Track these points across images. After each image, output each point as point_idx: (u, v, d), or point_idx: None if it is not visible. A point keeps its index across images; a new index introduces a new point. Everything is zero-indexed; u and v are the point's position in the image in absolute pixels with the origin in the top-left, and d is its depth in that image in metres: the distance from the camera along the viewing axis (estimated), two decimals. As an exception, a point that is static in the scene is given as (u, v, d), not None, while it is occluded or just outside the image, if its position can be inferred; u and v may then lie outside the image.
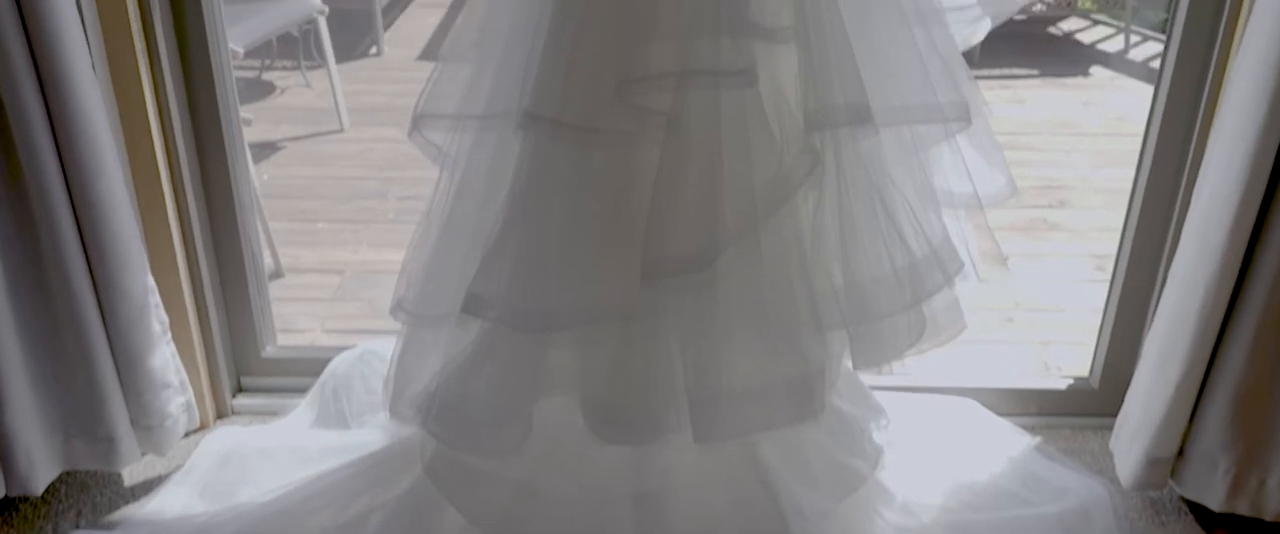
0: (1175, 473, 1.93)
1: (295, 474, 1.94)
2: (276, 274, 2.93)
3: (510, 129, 1.53)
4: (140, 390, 1.94)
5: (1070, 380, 2.28)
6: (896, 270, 1.56)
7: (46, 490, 1.98)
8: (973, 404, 2.19)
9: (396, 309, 1.73)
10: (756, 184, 1.49)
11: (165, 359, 1.98)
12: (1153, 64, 4.72)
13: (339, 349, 2.25)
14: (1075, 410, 2.25)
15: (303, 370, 2.25)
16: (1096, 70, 4.65)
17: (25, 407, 1.84)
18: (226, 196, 2.10)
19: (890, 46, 1.56)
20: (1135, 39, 4.86)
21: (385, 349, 2.14)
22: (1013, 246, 3.10)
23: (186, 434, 2.10)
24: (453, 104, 1.60)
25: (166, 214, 1.99)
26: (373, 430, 2.06)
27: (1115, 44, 4.88)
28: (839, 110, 1.46)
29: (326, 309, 2.80)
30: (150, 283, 1.93)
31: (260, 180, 3.50)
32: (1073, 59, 4.70)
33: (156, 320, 1.95)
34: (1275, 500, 1.86)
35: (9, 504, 1.97)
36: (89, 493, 2.01)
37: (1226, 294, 1.77)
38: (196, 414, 2.10)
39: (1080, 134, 4.02)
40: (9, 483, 1.87)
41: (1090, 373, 2.27)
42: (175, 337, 2.03)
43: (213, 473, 2.01)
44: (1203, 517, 1.97)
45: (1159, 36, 4.93)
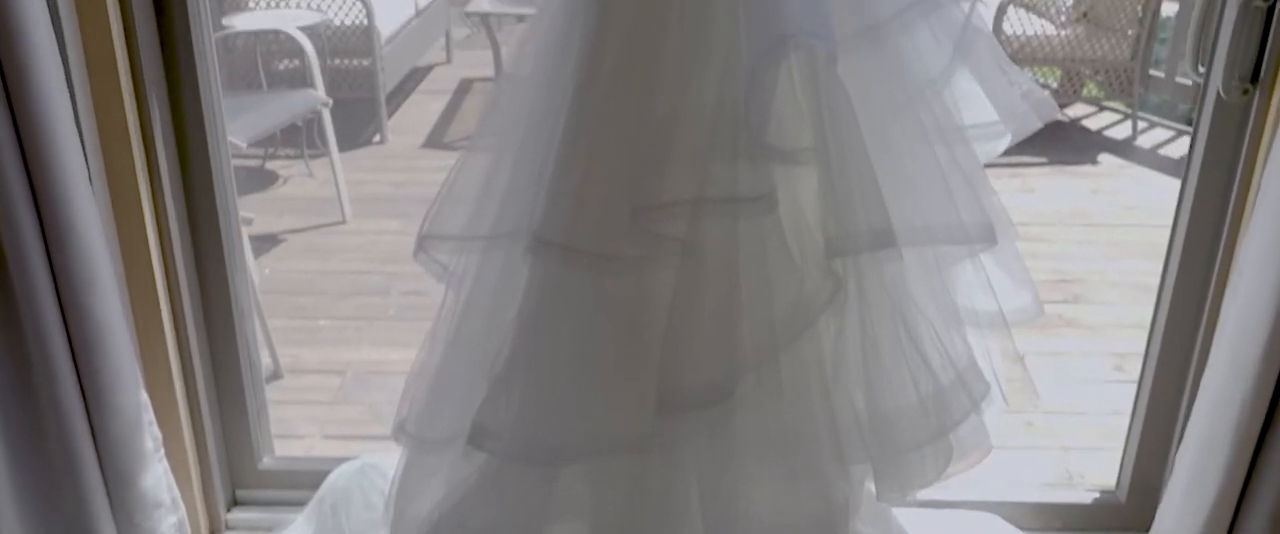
0: (1211, 597, 1.84)
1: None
2: (275, 375, 2.86)
3: (518, 250, 1.48)
4: (131, 511, 1.87)
5: (1096, 494, 2.20)
6: (922, 399, 1.50)
7: (31, 616, 1.90)
8: (995, 519, 2.11)
9: (398, 432, 1.66)
10: (776, 310, 1.43)
11: (158, 477, 1.91)
12: (1161, 151, 4.70)
13: (338, 460, 2.18)
14: (1101, 526, 2.17)
15: (300, 483, 2.18)
16: (1105, 158, 4.62)
17: (10, 527, 1.77)
18: (225, 304, 2.04)
19: (911, 164, 1.51)
20: (1143, 125, 4.84)
21: (385, 463, 2.06)
22: (1029, 345, 3.03)
23: (178, 553, 2.02)
24: (459, 225, 1.55)
25: (163, 326, 1.93)
26: (373, 549, 1.98)
27: (1123, 130, 4.86)
28: (861, 236, 1.40)
29: (326, 413, 2.73)
30: (144, 398, 1.86)
31: (261, 275, 3.45)
32: (1081, 146, 4.68)
33: (149, 437, 1.88)
34: (1317, 628, 1.78)
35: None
36: (75, 619, 1.92)
37: (1262, 411, 1.70)
38: (189, 532, 2.02)
39: (1092, 224, 3.98)
40: (-8, 610, 1.79)
41: (1117, 486, 2.19)
42: (169, 451, 1.95)
43: (205, 595, 1.93)
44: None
45: (1167, 123, 4.91)
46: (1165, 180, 4.41)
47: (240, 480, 2.21)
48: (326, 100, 3.73)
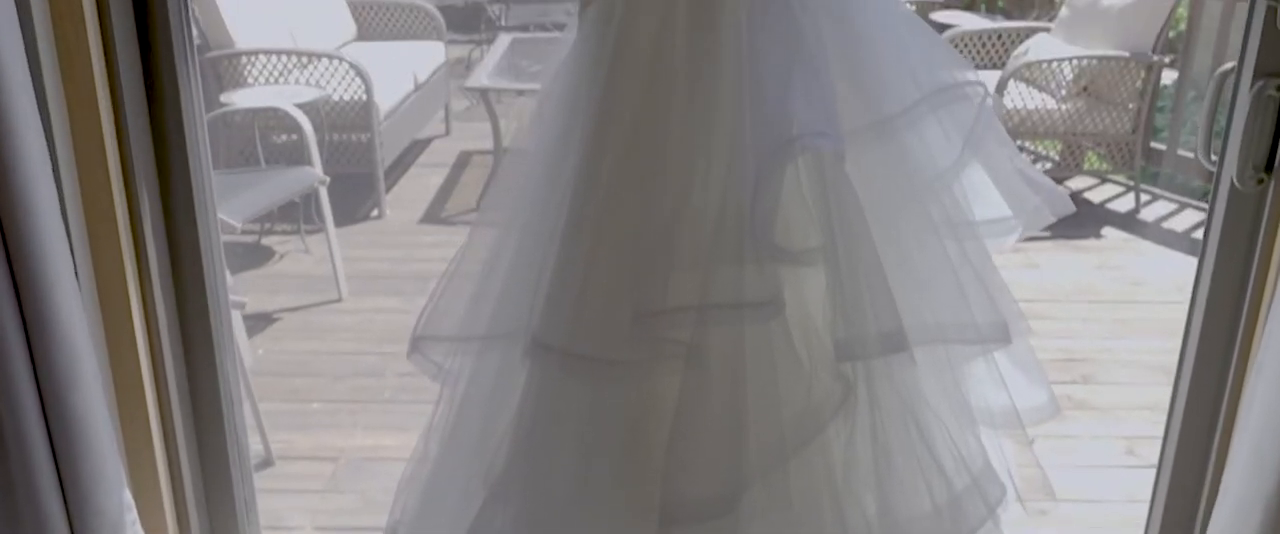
0: None
1: None
2: (267, 463, 2.79)
3: (516, 351, 1.42)
4: (111, 616, 1.79)
5: (1114, 591, 2.13)
6: (936, 506, 1.44)
7: None
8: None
9: (391, 536, 1.60)
10: (784, 417, 1.37)
11: (140, 579, 1.84)
12: (1166, 224, 4.67)
13: (329, 556, 2.11)
14: (1121, 624, 2.09)
15: (290, 581, 2.10)
16: (1109, 231, 4.58)
17: (-16, 636, 1.69)
18: (213, 396, 1.99)
19: (921, 259, 1.47)
20: (1146, 198, 4.81)
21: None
22: (1038, 429, 2.96)
23: (160, 660, 1.95)
24: (454, 324, 1.50)
25: (148, 420, 1.88)
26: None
27: (1126, 203, 4.83)
28: (872, 339, 1.35)
29: (319, 502, 2.65)
30: (128, 498, 1.80)
31: (254, 355, 3.39)
32: (1084, 219, 4.64)
33: (133, 538, 1.81)
34: None
35: None
36: None
37: (1288, 512, 1.63)
38: (172, 636, 1.95)
39: (1097, 301, 3.93)
40: None
41: (1135, 583, 2.11)
42: (153, 550, 1.89)
43: None
44: None
45: (1170, 196, 4.88)
46: (1170, 255, 4.37)
47: (227, 578, 2.14)
48: (324, 178, 3.70)
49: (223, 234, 3.28)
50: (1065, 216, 1.56)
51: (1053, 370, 3.32)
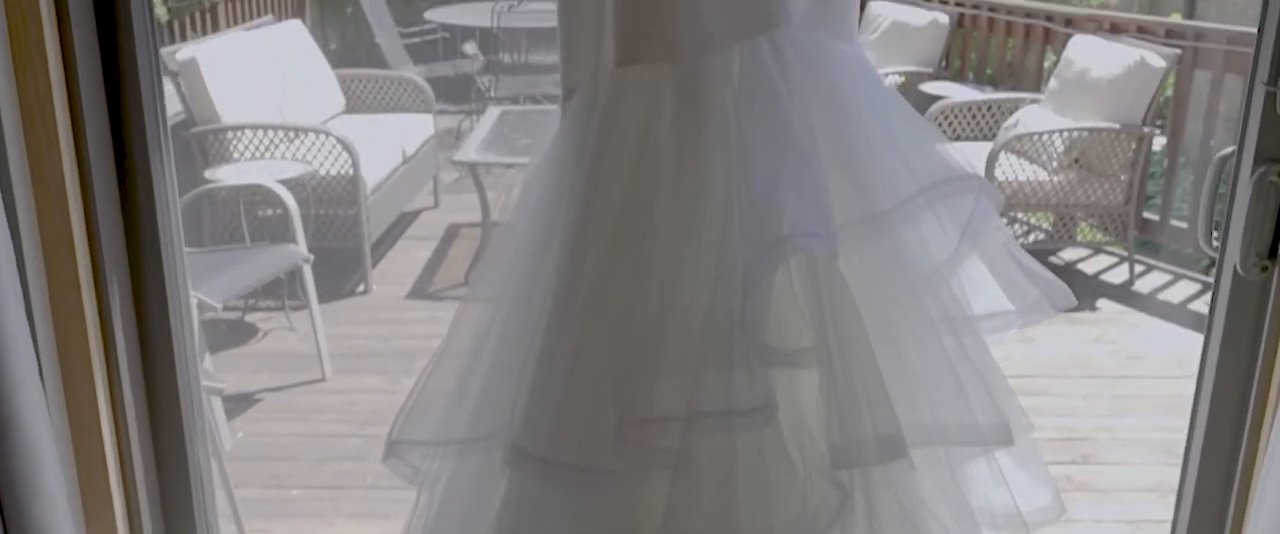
0: None
1: None
2: (243, 555, 2.70)
3: (495, 457, 1.36)
4: None
5: None
6: (939, 619, 1.36)
7: None
8: None
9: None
10: (777, 526, 1.31)
11: None
12: (1161, 296, 4.62)
13: None
14: None
15: None
16: (1104, 303, 4.54)
17: None
18: (184, 498, 1.90)
19: (918, 356, 1.42)
20: (1140, 269, 4.77)
21: None
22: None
23: None
24: (431, 428, 1.44)
25: (116, 527, 1.79)
26: None
27: (1120, 273, 4.79)
28: (868, 445, 1.29)
29: (296, 596, 2.56)
30: (91, 608, 1.72)
31: (234, 439, 3.31)
32: (1079, 291, 4.59)
33: (95, 649, 1.73)
34: None
35: None
36: None
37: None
38: None
39: (1095, 376, 3.87)
40: None
41: None
42: (117, 659, 1.80)
43: None
44: None
45: (1164, 267, 4.84)
46: (1167, 327, 4.33)
47: None
48: (308, 256, 3.64)
49: (203, 313, 3.23)
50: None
51: (1052, 450, 3.25)
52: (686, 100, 1.32)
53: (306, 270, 3.66)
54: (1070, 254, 5.00)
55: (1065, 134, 4.56)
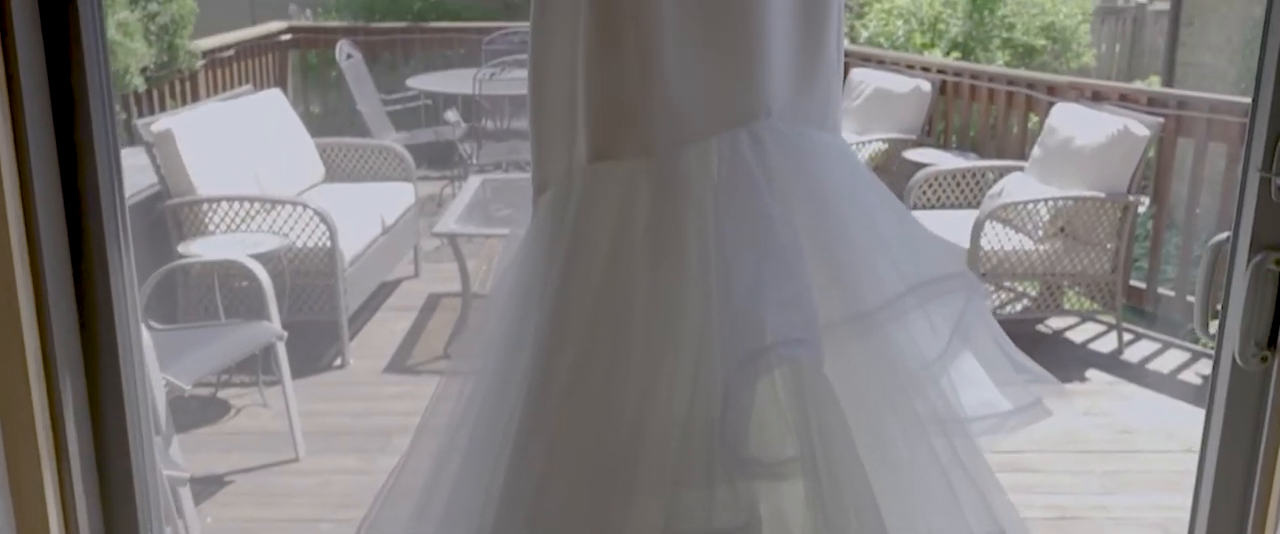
0: None
1: None
2: (207, 654, 2.59)
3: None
4: None
5: None
6: None
7: None
8: None
9: None
10: (763, 649, 1.23)
11: None
12: (1150, 365, 4.57)
13: None
14: None
15: None
16: (1093, 373, 4.48)
17: None
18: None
19: (908, 461, 1.35)
20: (1128, 338, 4.72)
21: None
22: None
23: None
24: (397, 531, 1.36)
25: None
26: None
27: (1108, 343, 4.74)
28: (858, 562, 1.22)
29: None
30: None
31: (203, 524, 3.20)
32: (1067, 360, 4.54)
33: None
34: None
35: None
36: None
37: None
38: None
39: (1086, 451, 3.80)
40: None
41: None
42: None
43: None
44: None
45: (1152, 335, 4.80)
46: (1159, 399, 4.26)
47: None
48: (281, 333, 3.55)
49: (172, 395, 3.14)
50: (1046, 355, 1.46)
51: (1044, 531, 3.17)
52: (662, 198, 1.27)
53: (280, 348, 3.58)
54: (1057, 322, 4.95)
55: (1050, 203, 4.53)
